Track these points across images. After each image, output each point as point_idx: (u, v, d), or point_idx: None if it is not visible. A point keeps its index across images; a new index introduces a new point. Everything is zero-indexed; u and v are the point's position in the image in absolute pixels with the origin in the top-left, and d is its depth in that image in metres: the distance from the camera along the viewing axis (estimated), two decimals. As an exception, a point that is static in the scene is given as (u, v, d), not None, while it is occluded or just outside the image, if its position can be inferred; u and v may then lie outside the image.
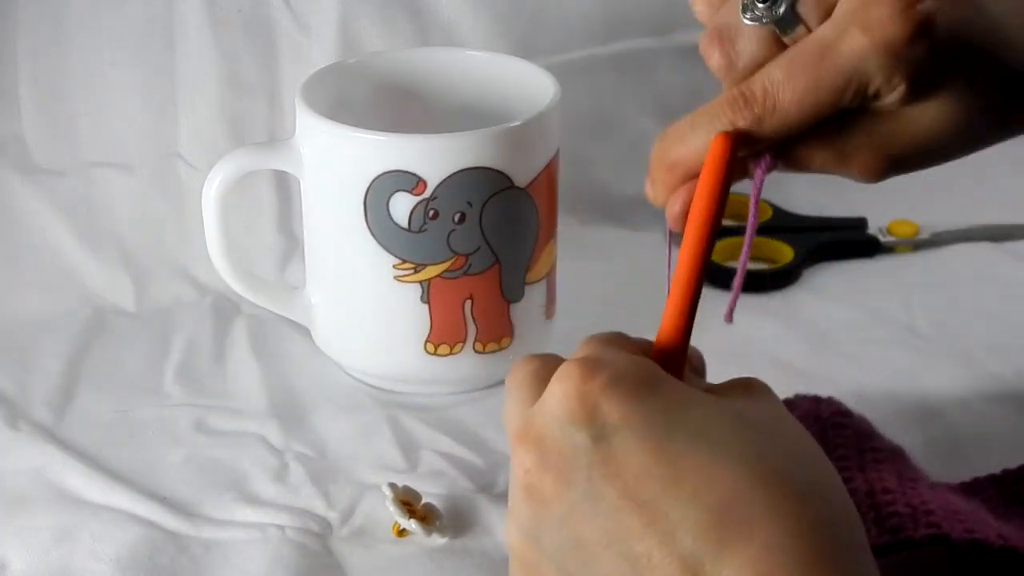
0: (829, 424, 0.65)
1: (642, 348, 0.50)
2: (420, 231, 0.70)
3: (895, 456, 0.63)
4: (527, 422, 0.48)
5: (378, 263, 0.71)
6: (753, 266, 0.87)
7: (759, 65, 0.52)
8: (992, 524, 0.57)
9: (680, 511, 0.45)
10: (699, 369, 0.54)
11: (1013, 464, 0.65)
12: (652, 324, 0.55)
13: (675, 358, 0.51)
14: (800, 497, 0.45)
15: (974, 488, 0.63)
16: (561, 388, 0.47)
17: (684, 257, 0.52)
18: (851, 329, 0.80)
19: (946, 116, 0.53)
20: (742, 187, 0.99)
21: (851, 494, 0.53)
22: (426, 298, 0.71)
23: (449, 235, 0.70)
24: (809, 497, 0.45)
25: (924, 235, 0.89)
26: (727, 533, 0.44)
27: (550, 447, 0.47)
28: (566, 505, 0.46)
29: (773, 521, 0.44)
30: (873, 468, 0.61)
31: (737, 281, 0.54)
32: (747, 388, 0.50)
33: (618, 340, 0.51)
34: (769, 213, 0.91)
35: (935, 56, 0.49)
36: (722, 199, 0.51)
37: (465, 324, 0.72)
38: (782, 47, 0.52)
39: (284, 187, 0.87)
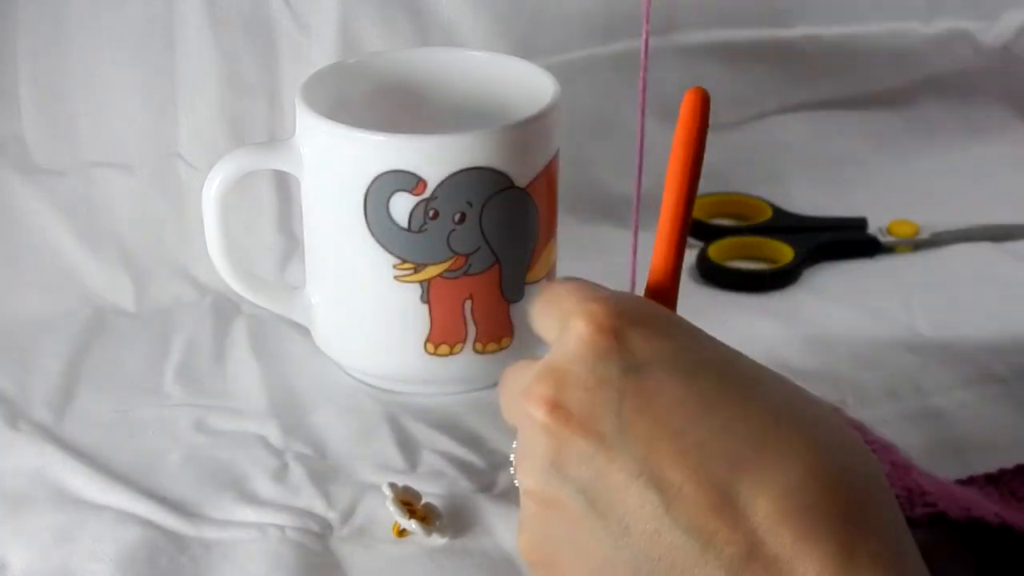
0: None
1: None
2: (420, 231, 0.70)
3: (887, 448, 0.63)
4: (543, 366, 0.48)
5: (378, 263, 0.71)
6: (753, 266, 0.87)
7: None
8: (989, 506, 0.57)
9: (713, 441, 0.45)
10: None
11: (1012, 464, 0.65)
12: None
13: (668, 302, 0.52)
14: (830, 438, 0.45)
15: (969, 484, 0.63)
16: (585, 325, 0.47)
17: (668, 201, 0.53)
18: (851, 329, 0.80)
19: None
20: (741, 187, 1.00)
21: None
22: (426, 298, 0.71)
23: (449, 235, 0.70)
24: (840, 442, 0.46)
25: (924, 235, 0.89)
26: (761, 464, 0.44)
27: (574, 383, 0.47)
28: (595, 437, 0.46)
29: (807, 455, 0.44)
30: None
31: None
32: None
33: (600, 286, 0.51)
34: (769, 213, 0.91)
35: None
36: (700, 147, 0.55)
37: (465, 324, 0.72)
38: None
39: (284, 187, 0.87)
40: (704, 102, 0.53)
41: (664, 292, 0.52)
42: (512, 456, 0.52)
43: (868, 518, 0.44)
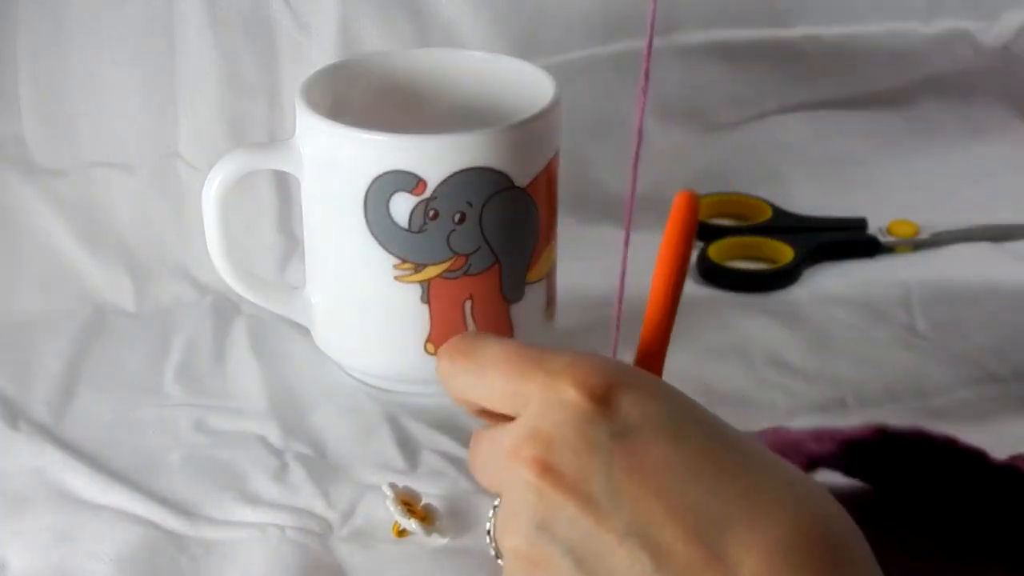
0: None
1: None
2: (420, 231, 0.70)
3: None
4: (529, 428, 0.48)
5: (378, 263, 0.71)
6: (753, 266, 0.87)
7: None
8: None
9: (702, 501, 0.45)
10: None
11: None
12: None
13: (655, 372, 0.54)
14: (809, 495, 0.46)
15: None
16: (574, 389, 0.47)
17: (657, 295, 0.54)
18: (851, 329, 0.80)
19: None
20: (741, 187, 0.99)
21: None
22: (426, 298, 0.71)
23: (449, 235, 0.70)
24: (818, 497, 0.46)
25: (924, 235, 0.89)
26: (749, 521, 0.45)
27: (564, 445, 0.47)
28: (584, 499, 0.46)
29: (792, 512, 0.45)
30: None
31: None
32: None
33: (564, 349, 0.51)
34: (769, 213, 0.91)
35: None
36: (689, 245, 0.56)
37: (465, 324, 0.72)
38: None
39: (284, 187, 0.87)
40: (694, 204, 0.55)
41: (651, 371, 0.53)
42: (491, 518, 0.53)
43: (849, 568, 0.45)
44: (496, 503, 0.53)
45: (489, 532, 0.53)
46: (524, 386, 0.50)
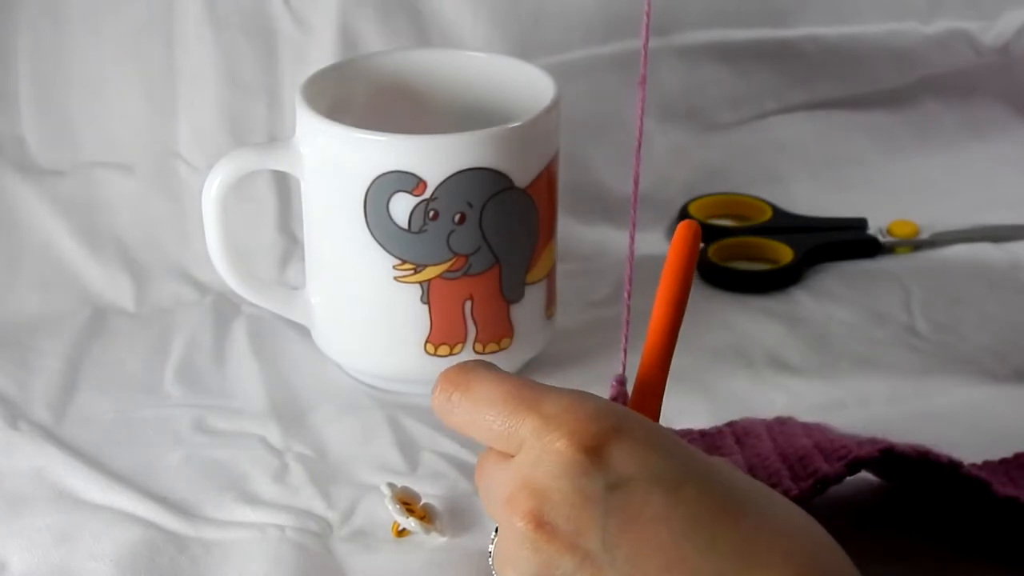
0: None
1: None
2: (420, 231, 0.70)
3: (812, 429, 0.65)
4: (524, 479, 0.47)
5: (378, 263, 0.71)
6: (753, 266, 0.87)
7: None
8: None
9: (699, 557, 0.45)
10: None
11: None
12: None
13: (652, 414, 0.53)
14: (810, 542, 0.46)
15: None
16: (567, 442, 0.46)
17: (657, 325, 0.53)
18: (851, 329, 0.80)
19: None
20: (741, 187, 1.00)
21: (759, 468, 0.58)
22: (426, 298, 0.71)
23: (449, 235, 0.70)
24: (819, 545, 0.46)
25: (924, 235, 0.89)
26: None
27: (559, 499, 0.47)
28: (580, 554, 0.46)
29: (792, 566, 0.44)
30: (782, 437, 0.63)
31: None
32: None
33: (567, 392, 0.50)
34: (769, 213, 0.91)
35: None
36: (690, 275, 0.54)
37: (465, 324, 0.72)
38: None
39: (284, 187, 0.87)
40: (696, 236, 0.54)
41: (648, 405, 0.53)
42: (493, 539, 0.53)
43: None
44: (496, 529, 0.52)
45: (490, 554, 0.53)
46: (518, 429, 0.49)
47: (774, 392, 0.74)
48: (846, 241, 0.88)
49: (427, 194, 0.69)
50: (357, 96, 0.76)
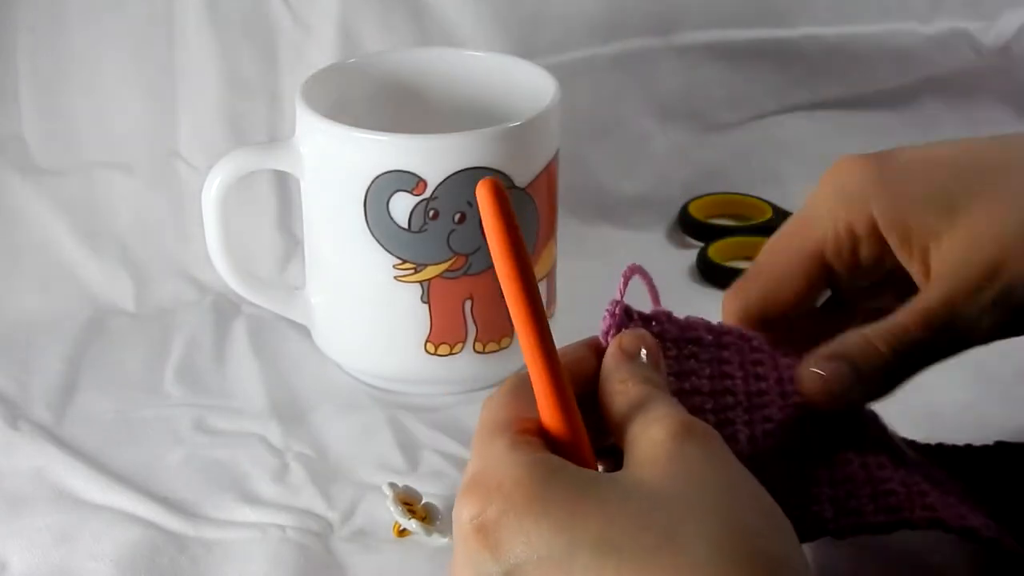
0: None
1: (536, 425, 0.48)
2: (420, 231, 0.70)
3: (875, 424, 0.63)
4: (452, 558, 0.47)
5: (378, 263, 0.71)
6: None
7: None
8: (976, 514, 0.58)
9: None
10: (655, 357, 0.52)
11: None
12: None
13: (568, 439, 0.48)
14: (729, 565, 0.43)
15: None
16: (465, 519, 0.45)
17: (525, 340, 0.48)
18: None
19: None
20: (741, 187, 0.99)
21: (844, 465, 0.54)
22: (426, 298, 0.71)
23: (449, 235, 0.70)
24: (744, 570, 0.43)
25: (924, 235, 0.89)
26: None
27: None
28: None
29: None
30: (867, 442, 0.61)
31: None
32: (673, 436, 0.47)
33: (507, 425, 0.48)
34: (769, 213, 0.91)
35: None
36: (522, 249, 0.48)
37: (465, 324, 0.72)
38: None
39: (284, 187, 0.87)
40: (500, 192, 0.47)
41: (560, 439, 0.48)
42: None
43: None
44: None
45: None
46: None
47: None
48: (846, 241, 0.88)
49: (427, 193, 0.69)
50: (357, 96, 0.76)
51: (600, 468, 0.49)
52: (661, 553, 0.43)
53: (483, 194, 0.46)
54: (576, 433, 0.48)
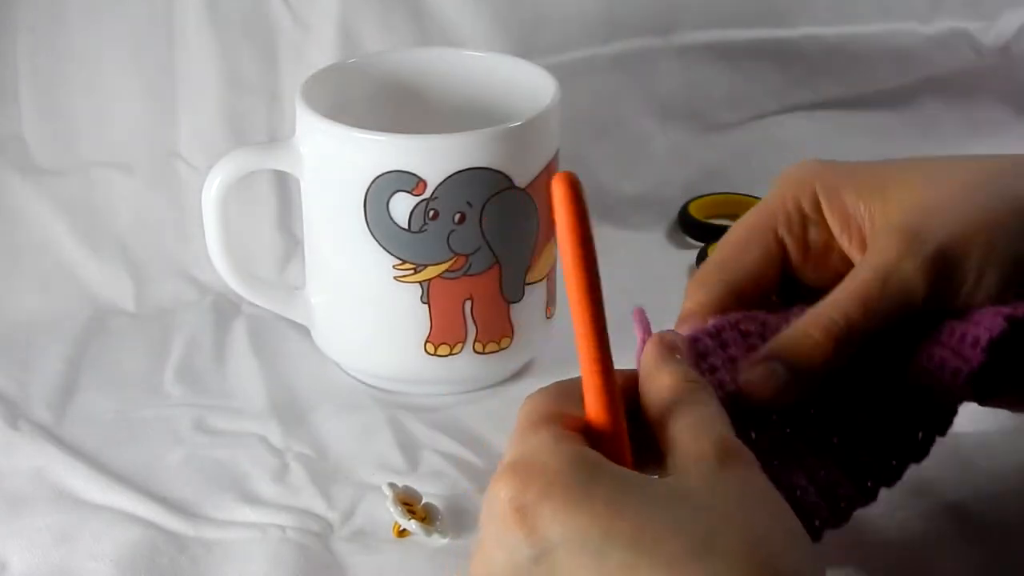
0: None
1: (580, 424, 0.48)
2: (420, 231, 0.70)
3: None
4: (478, 538, 0.47)
5: (378, 263, 0.71)
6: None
7: None
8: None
9: None
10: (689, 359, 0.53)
11: (1012, 466, 0.65)
12: (652, 324, 0.56)
13: (610, 439, 0.48)
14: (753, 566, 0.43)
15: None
16: (501, 501, 0.45)
17: (582, 331, 0.48)
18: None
19: None
20: (741, 187, 0.99)
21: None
22: (426, 298, 0.71)
23: (449, 235, 0.70)
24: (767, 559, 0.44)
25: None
26: None
27: (499, 565, 0.46)
28: None
29: None
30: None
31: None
32: (719, 457, 0.48)
33: (553, 418, 0.48)
34: (769, 213, 0.91)
35: None
36: (591, 249, 0.49)
37: (465, 324, 0.72)
38: None
39: (284, 187, 0.87)
40: (576, 188, 0.48)
41: (602, 434, 0.49)
42: None
43: None
44: None
45: None
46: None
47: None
48: (846, 241, 0.88)
49: (427, 194, 0.69)
50: (357, 96, 0.76)
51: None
52: (690, 560, 0.43)
53: (560, 188, 0.47)
54: (619, 432, 0.48)
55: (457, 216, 0.70)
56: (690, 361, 0.55)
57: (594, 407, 0.48)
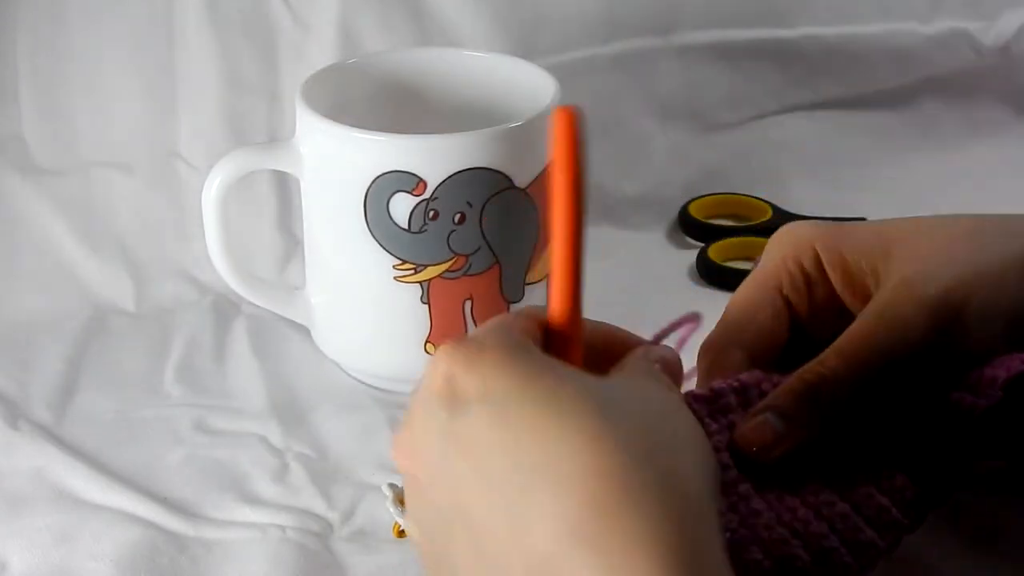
0: None
1: (537, 327, 0.50)
2: (420, 231, 0.70)
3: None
4: (404, 417, 0.49)
5: (378, 263, 0.71)
6: (753, 266, 0.87)
7: None
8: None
9: (514, 476, 0.44)
10: (676, 373, 0.53)
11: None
12: (652, 324, 0.56)
13: (567, 340, 0.50)
14: (653, 492, 0.44)
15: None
16: (429, 369, 0.47)
17: (559, 235, 0.50)
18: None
19: None
20: (741, 187, 0.99)
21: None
22: (426, 298, 0.71)
23: (449, 235, 0.70)
24: (663, 493, 0.44)
25: (924, 235, 0.89)
26: (552, 493, 0.43)
27: (418, 430, 0.47)
28: (428, 483, 0.47)
29: (591, 480, 0.43)
30: None
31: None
32: (658, 377, 0.50)
33: (510, 316, 0.50)
34: (769, 213, 0.91)
35: None
36: (583, 169, 0.50)
37: (465, 325, 0.72)
38: None
39: (284, 187, 0.87)
40: (576, 120, 0.49)
41: (560, 334, 0.50)
42: None
43: (651, 538, 0.43)
44: None
45: None
46: None
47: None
48: (846, 241, 0.88)
49: (427, 194, 0.69)
50: (357, 96, 0.76)
51: None
52: (596, 418, 0.45)
53: (562, 120, 0.49)
54: (575, 337, 0.50)
55: (457, 216, 0.70)
56: (706, 412, 0.56)
57: (556, 305, 0.49)
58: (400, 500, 0.64)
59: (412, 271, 0.71)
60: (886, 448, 0.58)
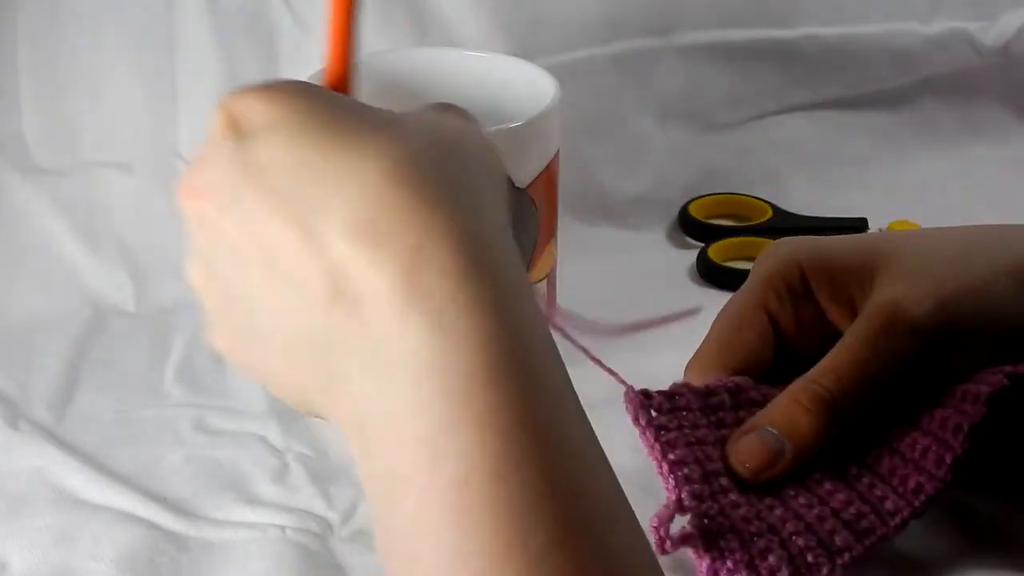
0: None
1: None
2: (420, 231, 0.69)
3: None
4: (191, 162, 0.49)
5: (378, 263, 0.70)
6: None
7: None
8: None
9: (304, 191, 0.45)
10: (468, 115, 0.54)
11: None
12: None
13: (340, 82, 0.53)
14: (445, 191, 0.45)
15: None
16: (214, 114, 0.48)
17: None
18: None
19: None
20: (741, 187, 0.99)
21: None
22: (426, 298, 0.71)
23: (449, 235, 0.70)
24: (455, 191, 0.46)
25: (924, 235, 0.89)
26: (340, 199, 0.44)
27: (206, 166, 0.48)
28: (219, 215, 0.47)
29: (373, 173, 0.44)
30: None
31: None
32: (432, 107, 0.52)
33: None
34: (769, 213, 0.91)
35: None
36: None
37: (465, 324, 0.72)
38: None
39: (284, 187, 0.87)
40: None
41: (337, 82, 0.54)
42: None
43: (442, 230, 0.44)
44: None
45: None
46: None
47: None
48: (846, 241, 0.88)
49: (427, 194, 0.69)
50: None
51: None
52: (376, 130, 0.46)
53: None
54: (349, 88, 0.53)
55: (457, 216, 0.69)
56: (697, 405, 0.57)
57: (331, 65, 0.53)
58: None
59: (412, 271, 0.70)
60: (867, 458, 0.58)
